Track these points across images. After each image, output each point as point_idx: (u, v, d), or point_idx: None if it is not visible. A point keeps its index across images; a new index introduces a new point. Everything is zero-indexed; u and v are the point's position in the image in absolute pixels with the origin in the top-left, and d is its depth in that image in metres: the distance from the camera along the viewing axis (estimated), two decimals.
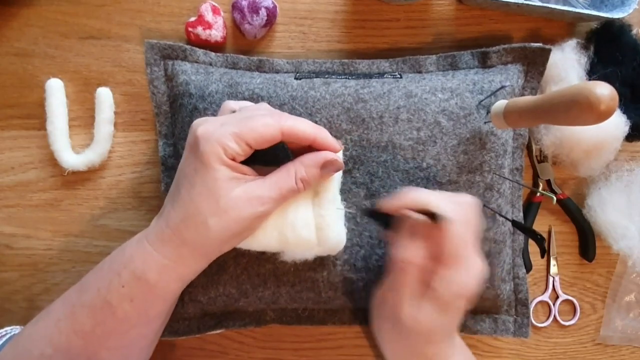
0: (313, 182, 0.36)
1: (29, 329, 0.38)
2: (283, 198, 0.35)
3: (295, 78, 0.45)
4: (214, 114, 0.43)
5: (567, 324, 0.52)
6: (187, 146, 0.35)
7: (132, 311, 0.36)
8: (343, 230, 0.39)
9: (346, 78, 0.45)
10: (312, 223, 0.37)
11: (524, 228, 0.41)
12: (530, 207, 0.51)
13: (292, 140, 0.35)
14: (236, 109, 0.37)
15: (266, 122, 0.33)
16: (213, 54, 0.47)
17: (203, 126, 0.34)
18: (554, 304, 0.52)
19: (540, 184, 0.51)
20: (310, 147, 0.36)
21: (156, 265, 0.35)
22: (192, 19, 0.48)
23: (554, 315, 0.52)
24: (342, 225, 0.38)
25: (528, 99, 0.37)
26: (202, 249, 0.35)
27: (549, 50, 0.46)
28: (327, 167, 0.35)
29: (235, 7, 0.48)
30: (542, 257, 0.51)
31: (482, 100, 0.43)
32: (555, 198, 0.49)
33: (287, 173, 0.35)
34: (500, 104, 0.40)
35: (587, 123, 0.32)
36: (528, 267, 0.50)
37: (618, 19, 0.47)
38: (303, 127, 0.35)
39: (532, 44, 0.46)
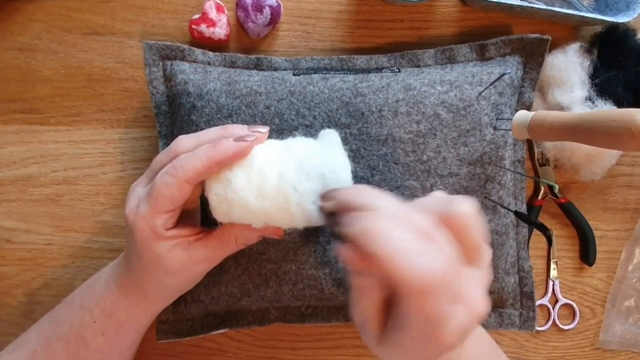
0: (251, 243, 0.39)
1: (5, 357, 0.39)
2: (225, 256, 0.39)
3: (294, 75, 0.45)
4: (212, 112, 0.43)
5: (566, 328, 0.52)
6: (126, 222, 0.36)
7: (104, 343, 0.39)
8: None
9: (344, 73, 0.45)
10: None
11: (527, 218, 0.40)
12: (532, 210, 0.50)
13: (202, 178, 0.34)
14: (190, 147, 0.35)
15: (166, 183, 0.33)
16: (211, 53, 0.47)
17: (127, 209, 0.36)
18: (553, 308, 0.51)
19: (542, 187, 0.51)
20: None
21: (124, 307, 0.38)
22: (196, 16, 0.48)
23: (553, 319, 0.52)
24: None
25: (559, 114, 0.35)
26: (165, 296, 0.39)
27: (547, 40, 0.46)
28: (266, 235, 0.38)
29: (239, 5, 0.48)
30: (550, 245, 0.50)
31: (482, 91, 0.43)
32: (557, 186, 0.49)
33: (229, 237, 0.37)
34: (524, 114, 0.37)
35: (628, 150, 0.31)
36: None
37: (622, 23, 0.46)
38: (200, 165, 0.33)
39: (530, 34, 0.46)
